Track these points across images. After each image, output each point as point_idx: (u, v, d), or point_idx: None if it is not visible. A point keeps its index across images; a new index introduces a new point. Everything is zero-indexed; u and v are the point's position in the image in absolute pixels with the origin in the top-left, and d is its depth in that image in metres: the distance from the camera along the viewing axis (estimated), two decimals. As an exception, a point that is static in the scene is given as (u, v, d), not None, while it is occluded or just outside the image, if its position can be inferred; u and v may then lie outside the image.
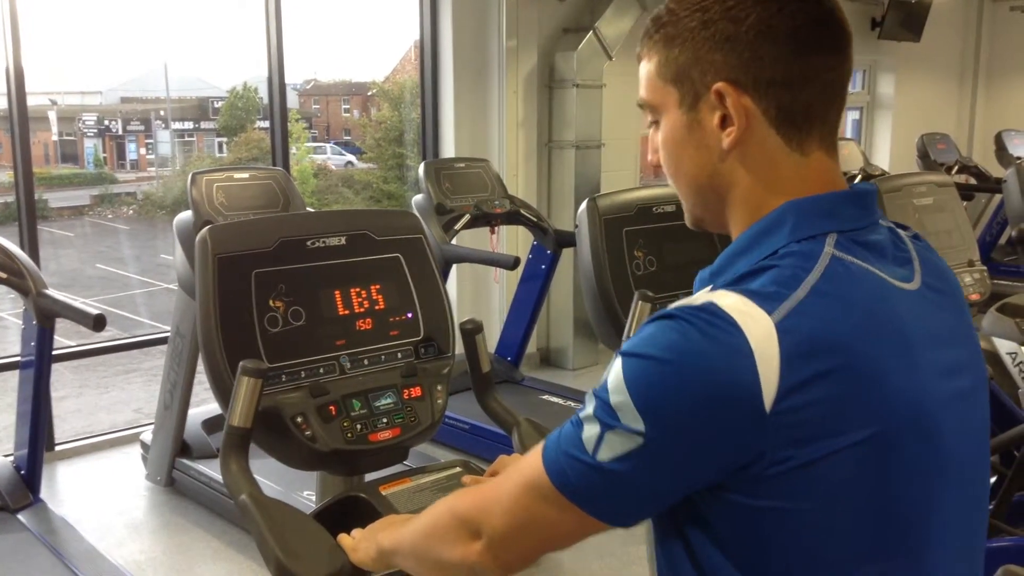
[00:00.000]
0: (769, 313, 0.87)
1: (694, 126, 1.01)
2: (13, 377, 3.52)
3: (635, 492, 0.91)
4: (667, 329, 0.89)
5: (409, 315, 1.97)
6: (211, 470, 3.76)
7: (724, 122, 0.98)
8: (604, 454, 0.89)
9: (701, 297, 0.91)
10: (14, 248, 3.19)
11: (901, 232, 1.05)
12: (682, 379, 0.86)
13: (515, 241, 5.53)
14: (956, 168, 7.33)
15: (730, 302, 0.89)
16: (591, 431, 0.91)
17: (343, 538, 1.45)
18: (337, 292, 1.89)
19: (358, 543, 1.39)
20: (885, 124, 8.97)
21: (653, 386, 0.87)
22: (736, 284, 0.92)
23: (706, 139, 1.00)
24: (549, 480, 0.94)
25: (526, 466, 0.98)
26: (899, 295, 0.96)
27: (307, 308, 1.84)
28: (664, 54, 1.01)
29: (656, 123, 1.06)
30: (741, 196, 1.01)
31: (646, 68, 1.04)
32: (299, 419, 1.74)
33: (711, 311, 0.88)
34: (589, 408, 0.92)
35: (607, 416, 0.89)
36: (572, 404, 4.55)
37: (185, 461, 3.92)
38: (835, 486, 0.88)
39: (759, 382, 0.85)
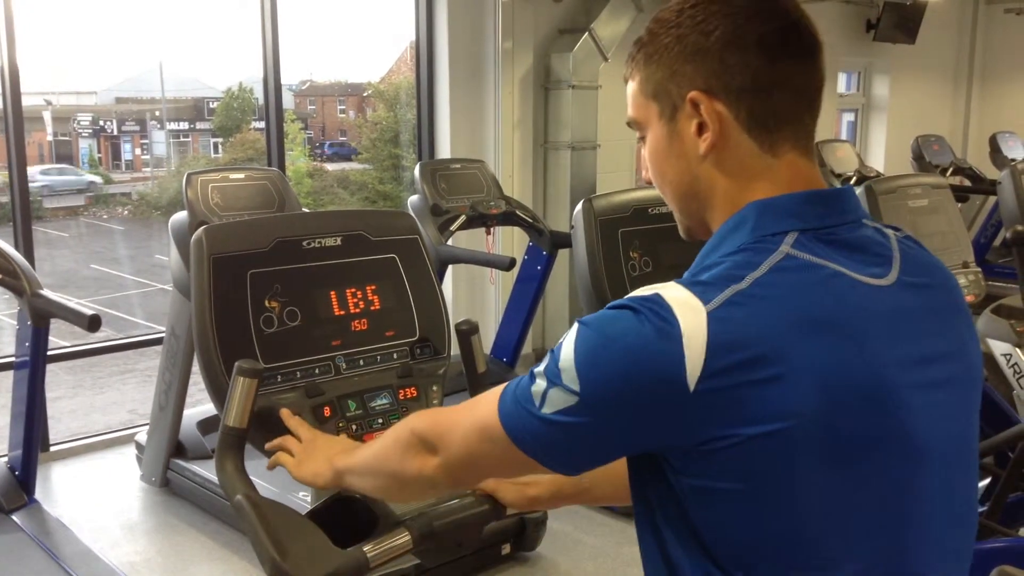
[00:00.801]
0: (705, 303, 0.94)
1: (674, 136, 1.08)
2: (8, 378, 3.51)
3: (570, 446, 1.01)
4: (618, 313, 0.98)
5: (405, 316, 1.97)
6: (206, 471, 3.75)
7: (700, 130, 1.05)
8: (547, 408, 0.99)
9: (652, 288, 0.98)
10: (9, 248, 3.18)
11: (888, 231, 1.09)
12: (617, 356, 0.95)
13: (511, 242, 5.53)
14: (951, 170, 7.34)
15: (673, 294, 0.96)
16: (540, 386, 1.00)
17: (282, 456, 1.52)
18: (333, 292, 1.89)
19: (302, 462, 1.48)
20: (880, 126, 8.99)
21: (593, 358, 0.97)
22: (690, 276, 1.00)
23: (685, 147, 1.07)
24: (500, 426, 1.04)
25: (484, 407, 1.07)
26: (861, 289, 1.00)
27: (303, 308, 1.84)
28: (645, 71, 1.09)
29: (643, 139, 1.13)
30: (719, 199, 1.07)
31: (631, 87, 1.12)
32: (295, 419, 1.74)
33: (654, 301, 0.96)
34: (543, 364, 1.02)
35: (553, 375, 0.99)
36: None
37: (180, 462, 3.91)
38: (777, 468, 0.93)
39: (684, 366, 0.92)
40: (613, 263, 2.61)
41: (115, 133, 14.04)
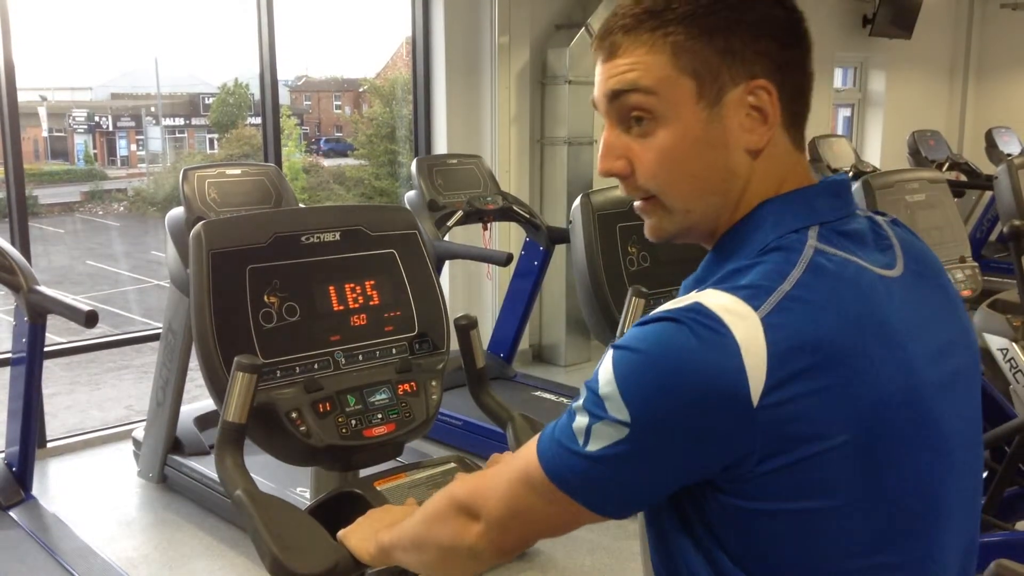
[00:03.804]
0: (755, 309, 0.88)
1: (714, 122, 0.95)
2: (4, 374, 3.51)
3: (622, 483, 0.92)
4: (657, 327, 0.89)
5: (404, 311, 1.97)
6: (203, 466, 3.76)
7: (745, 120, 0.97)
8: (593, 445, 0.90)
9: (689, 298, 0.91)
10: (5, 244, 3.17)
11: (879, 219, 1.05)
12: (668, 373, 0.87)
13: (507, 237, 5.53)
14: (947, 165, 7.35)
15: (717, 301, 0.89)
16: (581, 422, 0.92)
17: (347, 539, 1.41)
18: (331, 287, 1.89)
19: (358, 544, 1.36)
20: (876, 121, 8.99)
21: (639, 378, 0.88)
22: (724, 282, 0.92)
23: (727, 137, 0.96)
24: (541, 470, 0.95)
25: (522, 455, 0.99)
26: (883, 284, 0.96)
27: (301, 303, 1.83)
28: (684, 44, 0.94)
29: (640, 119, 0.97)
30: (747, 198, 0.99)
31: (652, 59, 0.96)
32: (294, 415, 1.74)
33: (698, 310, 0.88)
34: (580, 399, 0.93)
35: (595, 407, 0.90)
36: (564, 400, 4.55)
37: (177, 458, 3.91)
38: (832, 484, 0.88)
39: (746, 378, 0.85)
40: (611, 258, 2.61)
41: (110, 129, 13.99)
